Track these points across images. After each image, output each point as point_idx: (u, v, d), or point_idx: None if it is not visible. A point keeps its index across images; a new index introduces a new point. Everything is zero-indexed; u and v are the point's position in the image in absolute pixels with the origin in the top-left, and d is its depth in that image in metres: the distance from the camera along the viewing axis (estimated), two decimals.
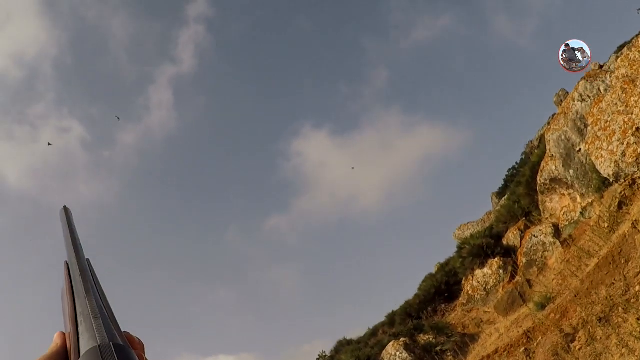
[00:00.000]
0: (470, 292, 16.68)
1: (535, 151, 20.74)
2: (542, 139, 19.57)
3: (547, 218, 15.78)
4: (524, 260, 14.89)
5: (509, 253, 16.31)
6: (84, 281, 0.67)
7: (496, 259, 16.27)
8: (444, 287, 18.54)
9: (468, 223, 24.86)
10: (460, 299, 17.20)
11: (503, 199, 21.92)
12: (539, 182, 16.09)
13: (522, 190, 18.12)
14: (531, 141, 24.92)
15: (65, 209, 0.85)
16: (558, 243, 14.29)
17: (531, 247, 14.83)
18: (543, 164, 15.92)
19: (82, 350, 0.54)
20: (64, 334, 0.64)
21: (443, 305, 18.08)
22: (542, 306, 11.67)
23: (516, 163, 25.06)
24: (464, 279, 17.38)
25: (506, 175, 25.47)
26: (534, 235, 14.93)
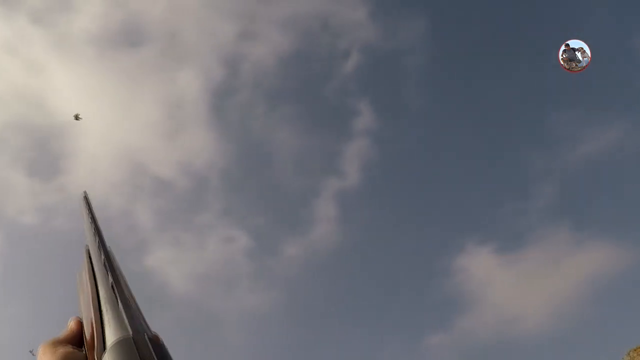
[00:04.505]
0: None
1: None
2: None
3: None
4: None
5: None
6: (110, 269, 0.59)
7: None
8: None
9: (637, 348, 22.28)
10: None
11: None
12: None
13: None
14: None
15: (85, 194, 0.81)
16: None
17: None
18: None
19: (110, 339, 0.46)
20: (81, 321, 0.57)
21: None
22: None
23: None
24: None
25: None
26: None
